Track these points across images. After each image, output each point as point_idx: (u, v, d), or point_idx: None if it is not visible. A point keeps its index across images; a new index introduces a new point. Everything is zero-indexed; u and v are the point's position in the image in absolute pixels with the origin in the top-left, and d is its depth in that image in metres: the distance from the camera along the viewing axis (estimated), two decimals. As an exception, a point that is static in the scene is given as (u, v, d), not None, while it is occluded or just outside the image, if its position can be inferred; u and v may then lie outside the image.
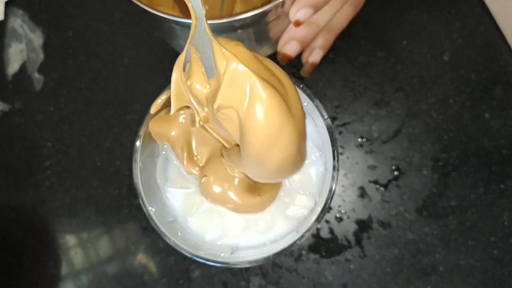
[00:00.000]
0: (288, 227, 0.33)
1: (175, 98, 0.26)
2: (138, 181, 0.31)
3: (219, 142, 0.30)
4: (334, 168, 0.29)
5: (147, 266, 0.42)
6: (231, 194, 0.32)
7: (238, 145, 0.28)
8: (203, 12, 0.23)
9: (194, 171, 0.33)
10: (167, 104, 0.32)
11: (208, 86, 0.25)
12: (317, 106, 0.30)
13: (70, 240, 0.43)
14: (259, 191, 0.32)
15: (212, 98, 0.24)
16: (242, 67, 0.22)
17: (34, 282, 0.43)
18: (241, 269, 0.41)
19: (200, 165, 0.33)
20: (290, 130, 0.23)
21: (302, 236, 0.31)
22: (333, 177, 0.30)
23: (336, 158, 0.29)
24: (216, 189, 0.32)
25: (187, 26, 0.33)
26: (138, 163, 0.31)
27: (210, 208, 0.33)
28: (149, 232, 0.42)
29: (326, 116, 0.29)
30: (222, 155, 0.32)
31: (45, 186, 0.44)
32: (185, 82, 0.25)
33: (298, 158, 0.25)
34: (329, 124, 0.29)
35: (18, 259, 0.43)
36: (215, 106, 0.24)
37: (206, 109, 0.26)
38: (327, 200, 0.30)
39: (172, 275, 0.41)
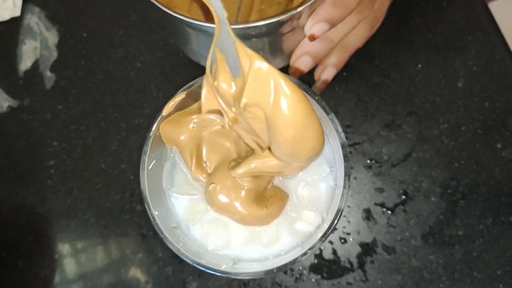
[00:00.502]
0: (293, 243, 0.32)
1: (205, 100, 0.27)
2: (144, 185, 0.30)
3: (253, 147, 0.29)
4: (344, 186, 0.28)
5: (143, 275, 0.41)
6: (237, 205, 0.31)
7: (269, 149, 0.28)
8: (225, 15, 0.24)
9: (201, 178, 0.32)
10: (179, 107, 0.32)
11: (234, 86, 0.26)
12: (331, 119, 0.29)
13: (67, 241, 0.42)
14: (266, 203, 0.32)
15: (238, 97, 0.25)
16: (265, 65, 0.23)
17: (27, 281, 0.42)
18: (239, 285, 0.40)
19: (209, 171, 0.33)
20: (316, 122, 0.24)
21: (305, 253, 0.30)
22: (343, 194, 0.29)
23: (347, 175, 0.28)
24: (223, 198, 0.31)
25: (201, 30, 0.33)
26: (145, 165, 0.30)
27: (215, 217, 0.32)
28: (148, 240, 0.41)
29: (340, 130, 0.28)
30: (229, 167, 0.31)
31: (47, 185, 0.43)
32: (213, 83, 0.26)
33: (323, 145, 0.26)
34: (342, 139, 0.28)
35: (13, 257, 0.42)
36: (241, 105, 0.24)
37: (234, 109, 0.26)
38: (335, 217, 0.30)
39: (168, 286, 0.40)
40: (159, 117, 0.31)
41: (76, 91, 0.45)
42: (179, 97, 0.31)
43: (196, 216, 0.32)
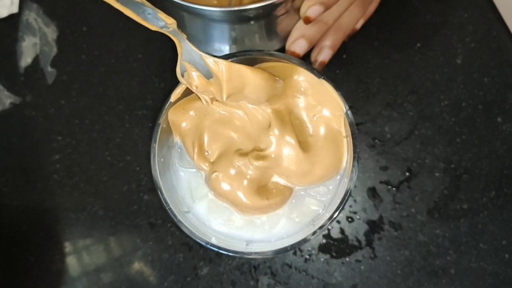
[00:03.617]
0: (293, 229, 0.33)
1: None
2: (156, 171, 0.31)
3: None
4: (353, 165, 0.29)
5: (155, 263, 0.41)
6: (240, 193, 0.32)
7: None
8: (184, 36, 0.30)
9: (204, 167, 0.33)
10: (187, 93, 0.32)
11: (211, 85, 0.31)
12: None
13: (77, 235, 0.42)
14: (268, 195, 0.32)
15: (219, 91, 0.31)
16: (231, 64, 0.30)
17: (39, 276, 0.42)
18: (250, 268, 0.40)
19: (211, 160, 0.33)
20: (273, 80, 0.31)
21: (315, 232, 0.31)
22: (352, 175, 0.30)
23: (357, 152, 0.29)
24: (225, 186, 0.32)
25: (195, 13, 0.35)
26: (156, 152, 0.30)
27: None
28: (157, 229, 0.42)
29: (347, 108, 0.29)
30: (237, 155, 0.32)
31: (54, 180, 0.43)
32: (191, 85, 0.31)
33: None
34: (350, 117, 0.29)
35: (23, 252, 0.42)
36: (224, 97, 0.31)
37: (210, 96, 0.33)
38: (343, 198, 0.30)
39: (179, 272, 0.41)
40: (168, 104, 0.32)
41: (78, 85, 0.45)
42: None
43: (202, 192, 0.33)
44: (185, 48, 0.30)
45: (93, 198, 0.43)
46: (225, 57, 0.31)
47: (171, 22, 0.30)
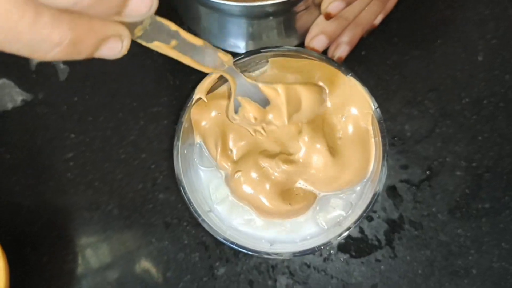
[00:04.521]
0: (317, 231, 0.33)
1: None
2: (179, 169, 0.30)
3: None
4: (383, 163, 0.28)
5: (170, 263, 0.41)
6: (262, 197, 0.31)
7: None
8: (238, 70, 0.30)
9: (226, 166, 0.32)
10: (209, 90, 0.31)
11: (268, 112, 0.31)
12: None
13: (91, 234, 0.42)
14: (291, 200, 0.32)
15: (278, 116, 0.31)
16: (287, 85, 0.31)
17: (52, 276, 0.41)
18: (268, 268, 0.40)
19: (234, 159, 0.33)
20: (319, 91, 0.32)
21: (340, 234, 0.31)
22: (381, 177, 0.29)
23: (385, 151, 0.28)
24: (247, 188, 0.31)
25: (211, 7, 0.34)
26: (179, 150, 0.30)
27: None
28: (172, 228, 0.41)
29: (376, 106, 0.28)
30: (262, 156, 0.31)
31: (67, 178, 0.43)
32: (247, 119, 0.31)
33: None
34: (378, 114, 0.28)
35: (36, 252, 0.41)
36: (286, 120, 0.31)
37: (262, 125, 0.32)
38: (372, 199, 0.30)
39: (196, 272, 0.40)
40: (190, 101, 0.31)
41: (91, 82, 0.44)
42: (211, 78, 0.31)
43: (223, 194, 0.32)
44: (240, 83, 0.30)
45: (107, 196, 0.42)
46: (250, 53, 0.31)
47: (227, 59, 0.29)
